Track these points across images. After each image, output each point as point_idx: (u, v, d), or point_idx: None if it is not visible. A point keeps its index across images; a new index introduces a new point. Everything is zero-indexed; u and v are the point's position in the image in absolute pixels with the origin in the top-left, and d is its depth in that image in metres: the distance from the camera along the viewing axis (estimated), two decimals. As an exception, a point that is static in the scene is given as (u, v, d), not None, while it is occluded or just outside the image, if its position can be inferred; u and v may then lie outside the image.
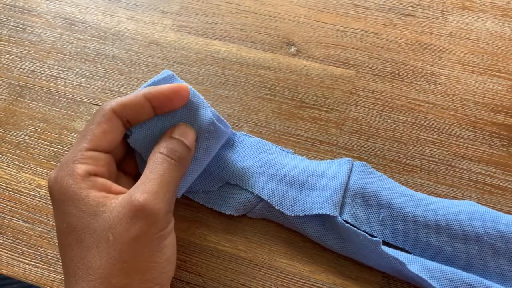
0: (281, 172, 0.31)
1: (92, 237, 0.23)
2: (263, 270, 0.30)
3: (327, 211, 0.29)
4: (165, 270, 0.25)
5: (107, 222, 0.23)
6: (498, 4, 0.38)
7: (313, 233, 0.29)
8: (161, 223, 0.24)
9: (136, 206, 0.23)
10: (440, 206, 0.29)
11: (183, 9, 0.40)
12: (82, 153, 0.25)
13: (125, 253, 0.23)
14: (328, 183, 0.30)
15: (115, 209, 0.23)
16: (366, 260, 0.29)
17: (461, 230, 0.29)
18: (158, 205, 0.23)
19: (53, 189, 0.25)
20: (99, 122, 0.26)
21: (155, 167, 0.25)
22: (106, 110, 0.26)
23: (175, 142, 0.26)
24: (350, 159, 0.31)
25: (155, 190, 0.24)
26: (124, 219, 0.23)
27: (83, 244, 0.23)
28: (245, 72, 0.37)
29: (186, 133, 0.27)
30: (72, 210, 0.24)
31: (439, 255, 0.29)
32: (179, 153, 0.26)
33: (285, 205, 0.30)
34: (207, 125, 0.28)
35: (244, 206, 0.31)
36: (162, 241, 0.24)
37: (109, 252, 0.23)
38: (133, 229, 0.23)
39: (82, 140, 0.26)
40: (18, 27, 0.40)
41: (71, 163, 0.25)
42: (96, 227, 0.23)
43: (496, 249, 0.28)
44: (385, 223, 0.30)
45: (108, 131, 0.26)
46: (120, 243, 0.23)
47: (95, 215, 0.23)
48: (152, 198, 0.23)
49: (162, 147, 0.26)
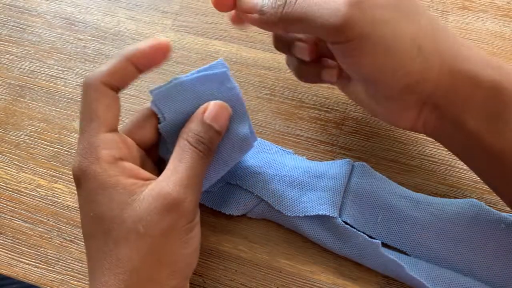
0: (281, 173, 0.31)
1: (121, 228, 0.23)
2: (263, 270, 0.30)
3: (326, 212, 0.29)
4: (191, 261, 0.25)
5: (137, 213, 0.23)
6: (498, 4, 0.38)
7: (313, 233, 0.29)
8: (190, 217, 0.24)
9: (167, 200, 0.23)
10: (440, 208, 0.29)
11: (183, 9, 0.40)
12: (100, 138, 0.24)
13: (155, 246, 0.23)
14: (328, 184, 0.30)
15: (146, 200, 0.23)
16: (365, 261, 0.29)
17: (460, 233, 0.29)
18: (189, 198, 0.23)
19: (80, 178, 0.24)
20: (97, 99, 0.24)
21: (184, 156, 0.24)
22: (97, 85, 0.24)
23: (205, 128, 0.25)
24: (350, 160, 0.31)
25: (186, 183, 0.23)
26: (155, 211, 0.23)
27: (111, 235, 0.23)
28: (245, 72, 0.37)
29: (219, 115, 0.25)
30: (101, 199, 0.23)
31: (438, 257, 0.29)
32: (207, 142, 0.25)
33: (284, 205, 0.30)
34: (240, 140, 0.27)
35: (244, 206, 0.30)
36: (189, 232, 0.24)
37: (138, 244, 0.23)
38: (164, 222, 0.23)
39: (91, 123, 0.24)
40: (18, 27, 0.40)
41: (94, 150, 0.23)
42: (125, 217, 0.23)
43: (495, 252, 0.28)
44: (384, 224, 0.30)
45: (112, 106, 0.25)
46: (150, 235, 0.23)
47: (125, 205, 0.23)
48: (183, 192, 0.23)
49: (190, 134, 0.25)
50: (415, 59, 0.24)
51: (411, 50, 0.24)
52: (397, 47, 0.23)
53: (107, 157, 0.23)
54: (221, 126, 0.26)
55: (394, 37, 0.23)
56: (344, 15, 0.23)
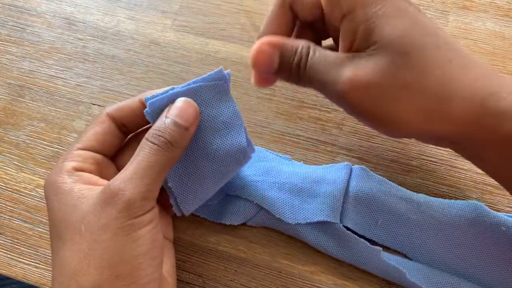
0: (280, 180, 0.31)
1: (68, 231, 0.22)
2: (263, 270, 0.30)
3: (328, 218, 0.29)
4: (141, 266, 0.22)
5: (81, 213, 0.22)
6: (498, 4, 0.38)
7: (314, 240, 0.29)
8: (134, 210, 0.22)
9: (105, 193, 0.22)
10: (441, 211, 0.29)
11: (183, 9, 0.40)
12: (72, 152, 0.26)
13: (94, 245, 0.22)
14: (327, 190, 0.30)
15: (91, 199, 0.23)
16: (366, 267, 0.29)
17: (461, 236, 0.28)
18: (129, 191, 0.22)
19: (44, 188, 0.25)
20: (93, 124, 0.27)
21: (137, 153, 0.24)
22: (102, 113, 0.27)
23: (166, 123, 0.24)
24: (349, 164, 0.31)
25: (129, 176, 0.23)
26: (96, 208, 0.22)
27: (60, 239, 0.23)
28: (245, 72, 0.37)
29: (183, 110, 0.25)
30: (55, 205, 0.24)
31: (438, 260, 0.29)
32: (168, 135, 0.24)
33: (285, 213, 0.29)
34: (237, 152, 0.27)
35: (243, 215, 0.30)
36: (135, 230, 0.22)
37: (79, 245, 0.22)
38: (103, 217, 0.22)
39: (75, 142, 0.27)
40: (18, 27, 0.40)
41: (61, 162, 0.25)
42: (72, 219, 0.23)
43: (496, 255, 0.28)
44: (384, 228, 0.29)
45: (99, 132, 0.26)
46: (90, 233, 0.22)
47: (74, 208, 0.23)
48: (124, 184, 0.22)
49: (150, 131, 0.24)
50: (422, 122, 0.23)
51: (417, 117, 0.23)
52: (402, 120, 0.23)
53: (67, 167, 0.25)
54: (187, 120, 0.25)
55: (396, 111, 0.23)
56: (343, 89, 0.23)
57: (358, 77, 0.23)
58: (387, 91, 0.22)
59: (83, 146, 0.26)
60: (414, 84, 0.22)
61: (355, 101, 0.23)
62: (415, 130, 0.23)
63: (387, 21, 0.23)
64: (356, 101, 0.23)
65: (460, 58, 0.23)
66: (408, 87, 0.22)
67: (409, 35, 0.23)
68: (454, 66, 0.23)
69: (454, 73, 0.22)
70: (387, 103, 0.23)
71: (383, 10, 0.23)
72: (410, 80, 0.22)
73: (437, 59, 0.22)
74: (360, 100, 0.23)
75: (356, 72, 0.23)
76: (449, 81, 0.22)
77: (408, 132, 0.24)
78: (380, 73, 0.22)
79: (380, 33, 0.23)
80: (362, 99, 0.23)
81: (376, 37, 0.23)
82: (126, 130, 0.28)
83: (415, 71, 0.22)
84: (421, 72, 0.22)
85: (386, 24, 0.23)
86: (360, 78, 0.23)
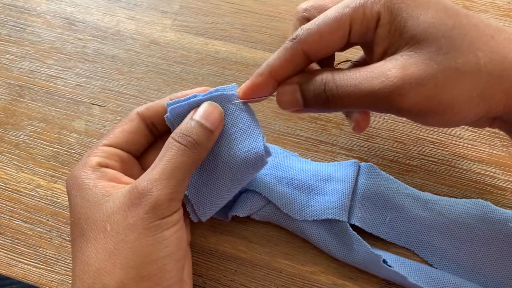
0: (289, 175, 0.31)
1: (92, 229, 0.22)
2: (263, 270, 0.30)
3: (335, 216, 0.29)
4: (166, 268, 0.22)
5: (107, 211, 0.22)
6: (498, 4, 0.38)
7: (318, 238, 0.29)
8: (161, 211, 0.22)
9: (133, 193, 0.22)
10: (448, 208, 0.29)
11: (183, 9, 0.40)
12: (97, 148, 0.26)
13: (120, 244, 0.22)
14: (336, 187, 0.30)
15: (117, 198, 0.23)
16: (368, 269, 0.29)
17: (468, 233, 0.29)
18: (157, 192, 0.22)
19: (68, 183, 0.25)
20: (122, 123, 0.27)
21: (163, 153, 0.24)
22: (132, 112, 0.27)
23: (192, 124, 0.24)
24: (356, 161, 0.31)
25: (156, 177, 0.22)
26: (122, 207, 0.22)
27: (84, 237, 0.23)
28: (245, 72, 0.37)
29: (208, 113, 0.25)
30: (78, 201, 0.23)
31: (445, 257, 0.29)
32: (194, 136, 0.24)
33: (293, 209, 0.29)
34: (254, 159, 0.26)
35: (250, 207, 0.30)
36: (161, 231, 0.22)
37: (105, 244, 0.22)
38: (130, 217, 0.22)
39: (103, 138, 0.27)
40: (18, 26, 0.40)
41: (86, 157, 0.25)
42: (96, 217, 0.22)
43: (502, 252, 0.28)
44: (392, 225, 0.30)
45: (127, 130, 0.26)
46: (116, 232, 0.22)
47: (98, 205, 0.23)
48: (151, 185, 0.22)
49: (176, 131, 0.24)
50: (478, 104, 0.22)
51: (473, 100, 0.22)
52: (460, 106, 0.22)
53: (92, 163, 0.25)
54: (212, 123, 0.25)
55: (453, 98, 0.22)
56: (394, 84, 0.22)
57: (411, 72, 0.22)
58: (441, 78, 0.22)
59: (109, 142, 0.26)
60: (466, 66, 0.21)
61: (413, 99, 0.22)
62: (473, 114, 0.23)
63: (416, 12, 0.22)
64: (414, 98, 0.22)
65: (501, 33, 0.23)
66: (462, 71, 0.21)
67: (443, 19, 0.22)
68: (498, 41, 0.22)
69: (501, 47, 0.22)
70: (445, 91, 0.22)
71: (406, 3, 0.22)
72: (462, 64, 0.21)
73: (479, 37, 0.22)
74: (415, 97, 0.22)
75: (404, 68, 0.22)
76: (497, 57, 0.22)
77: (467, 117, 0.23)
78: (429, 63, 0.22)
79: (414, 26, 0.22)
80: (418, 95, 0.22)
81: (411, 32, 0.22)
82: (156, 131, 0.28)
83: (463, 53, 0.22)
84: (469, 53, 0.22)
85: (416, 15, 0.22)
86: (412, 72, 0.22)
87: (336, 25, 0.23)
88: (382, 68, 0.22)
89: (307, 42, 0.24)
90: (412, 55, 0.22)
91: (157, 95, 0.36)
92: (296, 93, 0.25)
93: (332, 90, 0.23)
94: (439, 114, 0.23)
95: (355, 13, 0.23)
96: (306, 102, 0.25)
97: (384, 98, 0.22)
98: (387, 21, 0.23)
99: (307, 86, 0.24)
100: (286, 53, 0.25)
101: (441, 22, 0.22)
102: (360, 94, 0.23)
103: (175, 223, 0.23)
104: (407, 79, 0.21)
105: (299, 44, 0.24)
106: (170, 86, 0.37)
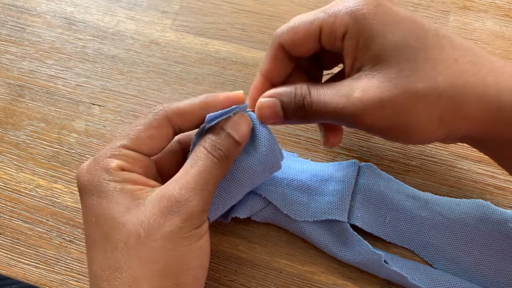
0: (289, 176, 0.31)
1: (121, 233, 0.21)
2: (263, 270, 0.30)
3: (335, 217, 0.29)
4: (198, 276, 0.23)
5: (139, 216, 0.22)
6: (498, 4, 0.38)
7: (318, 239, 0.29)
8: (195, 221, 0.22)
9: (170, 201, 0.22)
10: (448, 208, 0.29)
11: (183, 9, 0.40)
12: (119, 150, 0.24)
13: (157, 252, 0.21)
14: (336, 188, 0.30)
15: (149, 202, 0.22)
16: (369, 269, 0.29)
17: (468, 233, 0.29)
18: (194, 202, 0.22)
19: (84, 180, 0.23)
20: (149, 125, 0.24)
21: (196, 162, 0.23)
22: (160, 115, 0.25)
23: (223, 136, 0.24)
24: (356, 161, 0.31)
25: (192, 186, 0.22)
26: (157, 214, 0.21)
27: (110, 240, 0.22)
28: (245, 72, 0.37)
29: (239, 124, 0.25)
30: (104, 203, 0.22)
31: (445, 257, 0.29)
32: (224, 149, 0.24)
33: (293, 209, 0.29)
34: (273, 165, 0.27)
35: (250, 208, 0.30)
36: (196, 240, 0.22)
37: (138, 249, 0.21)
38: (167, 225, 0.21)
39: (123, 137, 0.24)
40: (18, 26, 0.40)
41: (106, 158, 0.24)
42: (126, 221, 0.22)
43: (502, 252, 0.28)
44: (392, 225, 0.30)
45: (156, 137, 0.25)
46: (152, 239, 0.21)
47: (128, 209, 0.22)
48: (188, 194, 0.22)
49: (208, 140, 0.24)
50: (438, 128, 0.23)
51: (432, 124, 0.23)
52: (419, 129, 0.23)
53: (115, 166, 0.23)
54: (241, 136, 0.24)
55: (412, 122, 0.22)
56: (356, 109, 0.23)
57: (369, 96, 0.22)
58: (400, 103, 0.22)
59: (133, 146, 0.24)
60: (426, 90, 0.22)
61: (371, 121, 0.23)
62: (434, 135, 0.23)
63: (384, 31, 0.22)
64: (372, 120, 0.23)
65: (466, 56, 0.23)
66: (421, 95, 0.22)
67: (409, 40, 0.22)
68: (461, 65, 0.22)
69: (464, 72, 0.22)
70: (403, 115, 0.22)
71: (377, 20, 0.23)
72: (422, 88, 0.22)
73: (443, 60, 0.22)
74: (375, 119, 0.23)
75: (365, 91, 0.22)
76: (458, 82, 0.22)
77: (428, 138, 0.23)
78: (389, 86, 0.22)
79: (379, 45, 0.22)
80: (378, 117, 0.23)
81: (376, 50, 0.23)
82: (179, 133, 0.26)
83: (424, 77, 0.22)
84: (430, 77, 0.22)
85: (384, 34, 0.22)
86: (370, 96, 0.22)
87: (309, 26, 0.25)
88: (347, 88, 0.23)
89: (283, 36, 0.25)
90: (375, 76, 0.23)
91: (157, 95, 0.36)
92: (276, 107, 0.25)
93: (309, 104, 0.24)
94: (400, 135, 0.23)
95: (326, 19, 0.24)
96: (287, 115, 0.26)
97: (348, 117, 0.23)
98: (354, 35, 0.23)
99: (287, 100, 0.25)
100: (269, 51, 0.26)
101: (406, 44, 0.22)
102: (329, 110, 0.24)
103: (205, 233, 0.23)
104: (367, 103, 0.22)
105: (277, 38, 0.26)
106: (170, 86, 0.37)
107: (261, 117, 0.26)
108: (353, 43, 0.23)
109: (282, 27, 0.26)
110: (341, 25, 0.23)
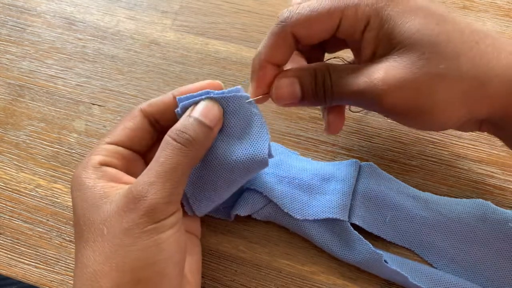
0: (290, 175, 0.31)
1: (90, 231, 0.22)
2: (263, 270, 0.30)
3: (336, 215, 0.29)
4: (164, 271, 0.22)
5: (104, 214, 0.22)
6: (498, 4, 0.38)
7: (319, 238, 0.29)
8: (156, 215, 0.22)
9: (128, 197, 0.22)
10: (448, 208, 0.29)
11: (183, 9, 0.40)
12: (100, 146, 0.25)
13: (117, 248, 0.21)
14: (336, 187, 0.30)
15: (114, 201, 0.22)
16: (369, 269, 0.29)
17: (468, 233, 0.29)
18: (151, 196, 0.22)
19: (71, 182, 0.25)
20: (124, 120, 0.26)
21: (159, 153, 0.23)
22: (134, 109, 0.26)
23: (189, 121, 0.24)
24: (357, 161, 0.31)
25: (151, 180, 0.22)
26: (118, 212, 0.22)
27: (83, 238, 0.23)
28: (245, 72, 0.37)
29: (207, 110, 0.24)
30: (78, 202, 0.23)
31: (445, 257, 0.29)
32: (190, 132, 0.23)
33: (294, 208, 0.29)
34: (257, 163, 0.26)
35: (251, 206, 0.30)
36: (157, 234, 0.22)
37: (102, 246, 0.22)
38: (125, 221, 0.22)
39: (104, 137, 0.26)
40: (18, 26, 0.40)
41: (89, 156, 0.25)
42: (94, 219, 0.22)
43: (502, 252, 0.28)
44: (392, 224, 0.30)
45: (129, 127, 0.26)
46: (112, 236, 0.22)
47: (96, 207, 0.23)
48: (146, 189, 0.22)
49: (173, 129, 0.24)
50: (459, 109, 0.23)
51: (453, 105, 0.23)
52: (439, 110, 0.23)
53: (93, 162, 0.24)
54: (211, 120, 0.24)
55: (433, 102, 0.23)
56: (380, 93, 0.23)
57: (392, 75, 0.23)
58: (423, 83, 0.22)
59: (111, 140, 0.26)
60: (448, 71, 0.22)
61: (392, 101, 0.23)
62: (455, 118, 0.23)
63: (404, 19, 0.23)
64: (394, 100, 0.23)
65: (485, 39, 0.23)
66: (443, 75, 0.22)
67: (429, 25, 0.23)
68: (482, 47, 0.23)
69: (484, 53, 0.22)
70: (426, 95, 0.23)
71: (396, 10, 0.23)
72: (444, 68, 0.22)
73: (464, 43, 0.22)
74: (397, 99, 0.23)
75: (387, 72, 0.23)
76: (481, 63, 0.22)
77: (449, 119, 0.23)
78: (412, 68, 0.22)
79: (400, 33, 0.23)
80: (399, 98, 0.23)
81: (398, 38, 0.23)
82: (159, 127, 0.27)
83: (446, 58, 0.22)
84: (452, 58, 0.22)
85: (404, 22, 0.23)
86: (394, 76, 0.23)
87: (327, 16, 0.24)
88: (369, 70, 0.24)
89: (296, 25, 0.25)
90: (397, 59, 0.23)
91: (157, 95, 0.36)
92: (294, 86, 0.25)
93: (328, 85, 0.25)
94: (419, 116, 0.23)
95: (347, 9, 0.24)
96: (305, 95, 0.25)
97: (368, 97, 0.23)
98: (376, 26, 0.24)
99: (306, 80, 0.25)
100: (275, 37, 0.25)
101: (427, 29, 0.23)
102: (350, 91, 0.24)
103: (172, 225, 0.23)
104: (390, 82, 0.23)
105: (288, 27, 0.25)
106: (170, 86, 0.37)
107: (278, 97, 0.26)
108: (374, 34, 0.24)
109: (290, 13, 0.25)
110: (363, 18, 0.24)
